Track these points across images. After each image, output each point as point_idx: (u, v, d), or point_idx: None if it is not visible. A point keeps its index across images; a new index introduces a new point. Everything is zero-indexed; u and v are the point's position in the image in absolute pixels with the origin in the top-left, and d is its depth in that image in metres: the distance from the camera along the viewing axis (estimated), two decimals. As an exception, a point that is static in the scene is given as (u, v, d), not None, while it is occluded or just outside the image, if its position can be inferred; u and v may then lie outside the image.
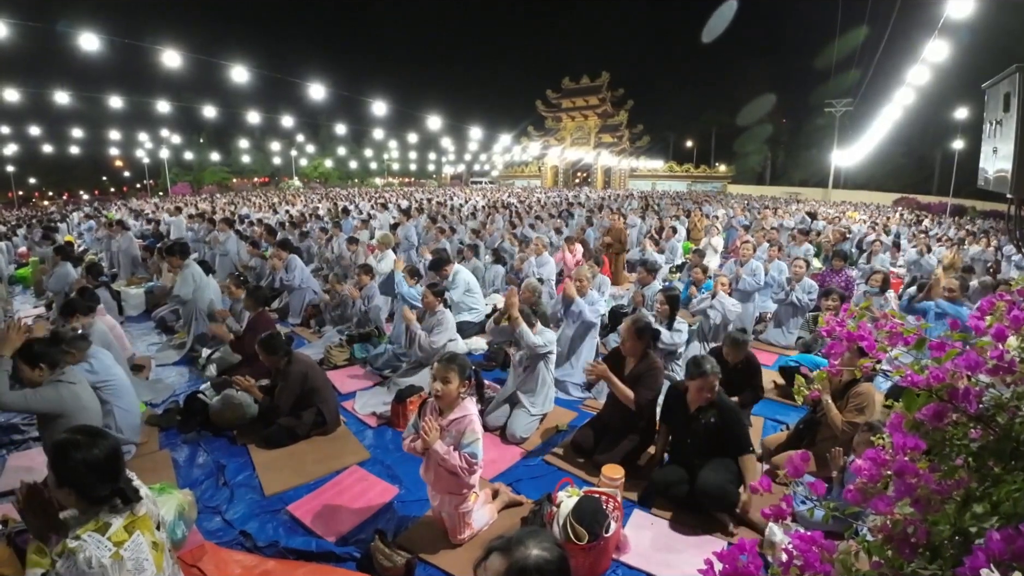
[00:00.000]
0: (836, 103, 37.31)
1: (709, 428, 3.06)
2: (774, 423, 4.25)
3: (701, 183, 47.42)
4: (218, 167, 53.55)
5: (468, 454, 2.64)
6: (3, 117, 22.44)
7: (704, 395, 3.06)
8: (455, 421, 2.72)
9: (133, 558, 1.68)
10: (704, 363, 3.05)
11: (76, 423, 2.73)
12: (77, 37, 8.54)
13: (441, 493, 2.80)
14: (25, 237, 14.07)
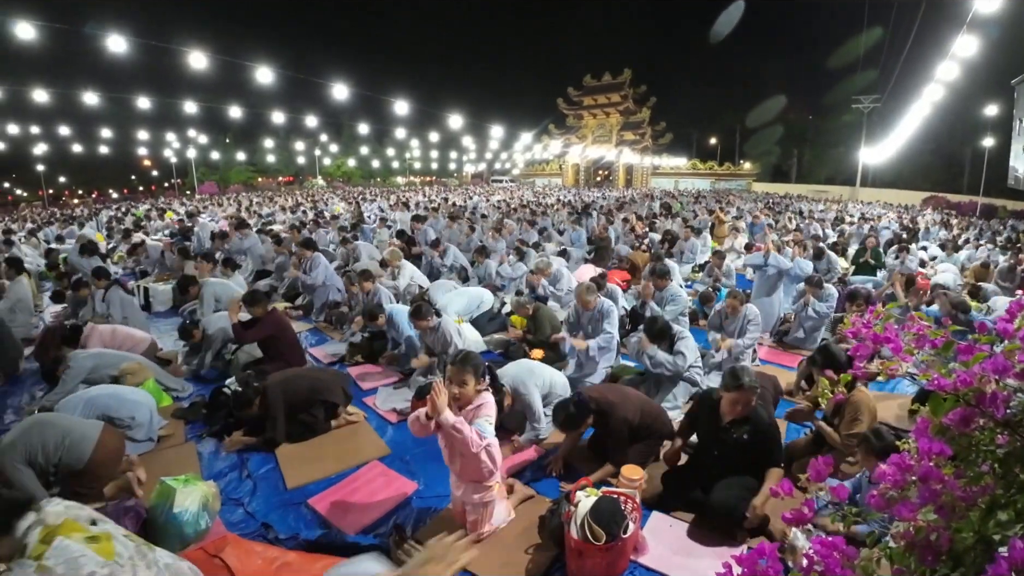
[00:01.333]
0: (863, 99, 36.35)
1: (740, 444, 2.91)
2: (798, 427, 4.17)
3: (725, 181, 46.72)
4: (244, 166, 54.56)
5: (479, 431, 2.61)
6: (34, 117, 23.11)
7: (737, 409, 2.91)
8: (471, 410, 2.72)
9: (61, 562, 1.72)
10: (743, 376, 2.86)
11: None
12: (105, 39, 8.78)
13: (465, 482, 2.81)
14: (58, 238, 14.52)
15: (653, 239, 11.81)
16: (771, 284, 6.30)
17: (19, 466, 2.86)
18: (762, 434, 2.90)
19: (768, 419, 3.00)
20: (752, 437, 2.89)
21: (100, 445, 3.08)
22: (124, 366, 4.43)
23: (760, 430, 2.90)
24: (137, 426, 3.79)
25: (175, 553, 2.68)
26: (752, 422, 2.91)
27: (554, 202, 23.88)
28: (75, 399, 3.72)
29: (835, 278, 7.66)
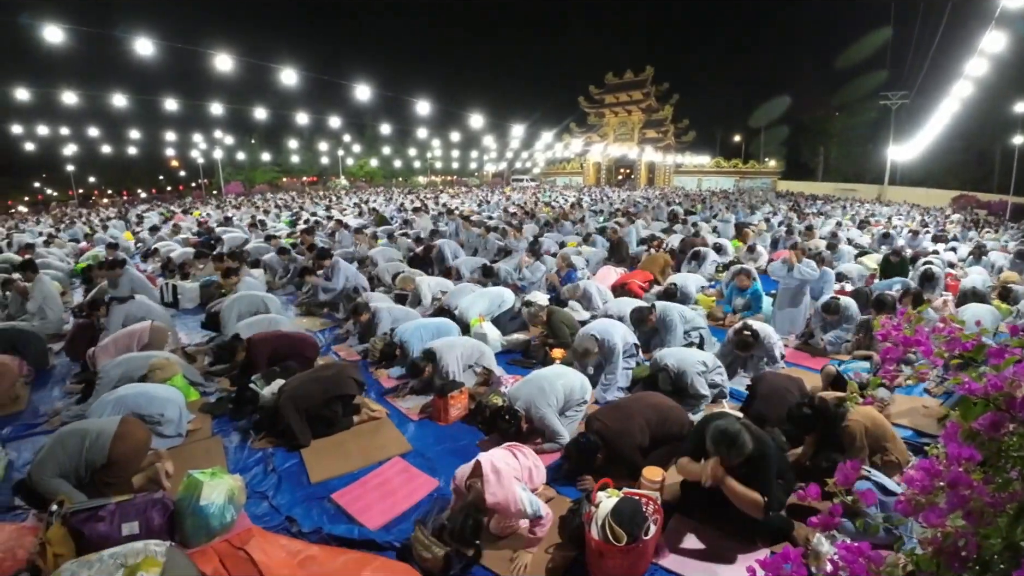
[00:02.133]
0: (891, 95, 35.42)
1: (739, 471, 2.70)
2: None
3: (750, 179, 45.97)
4: (269, 167, 55.44)
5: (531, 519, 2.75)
6: (65, 119, 23.86)
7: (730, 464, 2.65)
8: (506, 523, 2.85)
9: None
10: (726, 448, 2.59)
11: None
12: (134, 42, 9.01)
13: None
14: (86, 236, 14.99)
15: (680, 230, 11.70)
16: (795, 292, 6.20)
17: (52, 480, 3.00)
18: (758, 467, 2.66)
19: (768, 452, 2.70)
20: (750, 471, 2.66)
21: (119, 438, 3.18)
22: (152, 362, 4.53)
23: (757, 462, 2.65)
24: (167, 422, 3.89)
25: (201, 544, 2.76)
26: (751, 459, 2.65)
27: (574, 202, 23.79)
28: (105, 400, 3.84)
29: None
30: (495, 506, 2.67)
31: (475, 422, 4.16)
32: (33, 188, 52.99)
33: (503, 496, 2.66)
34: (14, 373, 4.78)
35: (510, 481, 2.73)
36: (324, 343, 6.13)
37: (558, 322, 5.55)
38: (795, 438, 3.58)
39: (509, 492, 2.68)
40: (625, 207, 20.65)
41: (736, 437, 2.58)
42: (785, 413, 3.48)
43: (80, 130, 25.50)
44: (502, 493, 2.67)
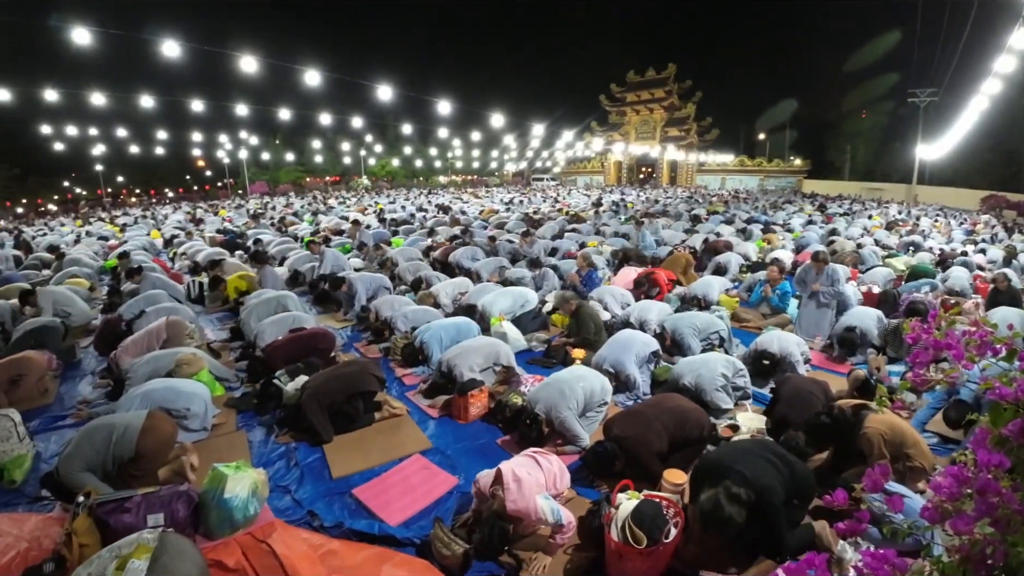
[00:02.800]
0: (919, 93, 34.40)
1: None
2: None
3: (774, 178, 45.18)
4: (293, 167, 56.26)
5: (552, 526, 2.73)
6: (93, 119, 24.49)
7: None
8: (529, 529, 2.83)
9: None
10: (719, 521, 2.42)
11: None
12: (161, 44, 9.22)
13: None
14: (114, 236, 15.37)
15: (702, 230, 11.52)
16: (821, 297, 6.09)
17: (80, 473, 3.08)
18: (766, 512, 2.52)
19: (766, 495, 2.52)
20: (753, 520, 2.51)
21: (146, 432, 3.26)
22: (178, 357, 4.65)
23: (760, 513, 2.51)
24: (193, 416, 3.98)
25: (225, 537, 2.82)
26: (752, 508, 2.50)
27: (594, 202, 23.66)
28: (132, 395, 3.94)
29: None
30: (516, 513, 2.67)
31: (495, 420, 4.18)
32: (63, 187, 54.47)
33: (523, 505, 2.67)
34: (43, 368, 4.94)
35: (531, 490, 2.73)
36: (345, 341, 6.20)
37: (585, 316, 5.53)
38: (818, 442, 3.54)
39: (530, 501, 2.68)
40: (645, 208, 20.49)
41: (724, 521, 2.41)
42: (809, 417, 3.44)
43: (108, 130, 26.08)
44: (523, 502, 2.67)
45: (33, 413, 4.50)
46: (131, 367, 4.60)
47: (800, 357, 4.79)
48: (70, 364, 5.64)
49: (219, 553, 2.71)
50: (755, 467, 2.61)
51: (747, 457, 2.69)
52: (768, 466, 2.65)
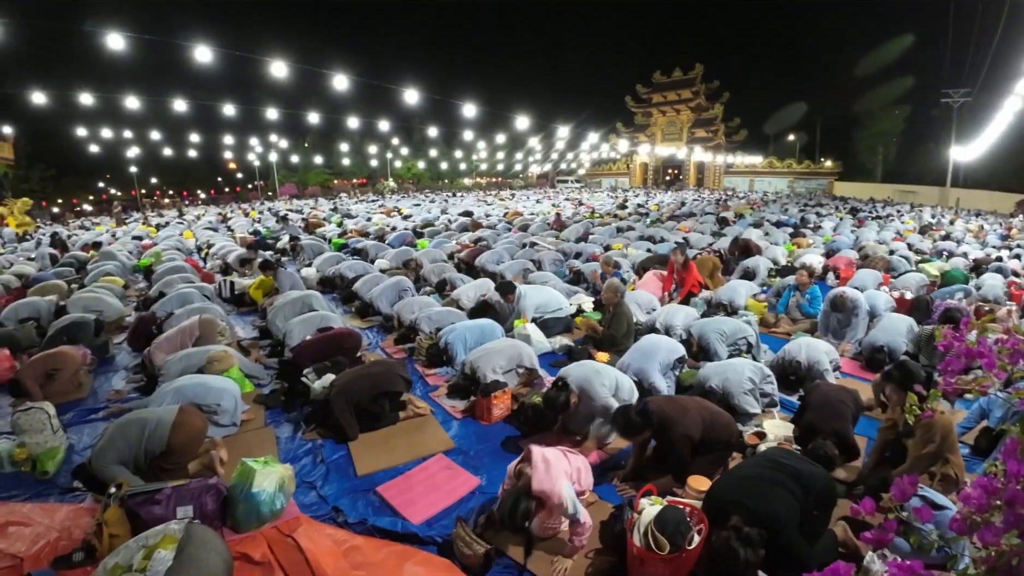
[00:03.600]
0: (952, 93, 33.24)
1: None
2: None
3: (804, 180, 44.24)
4: (321, 169, 57.26)
5: (573, 521, 2.75)
6: (128, 122, 25.28)
7: None
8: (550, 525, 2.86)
9: None
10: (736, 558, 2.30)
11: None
12: (193, 49, 9.49)
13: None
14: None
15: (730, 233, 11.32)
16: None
17: (112, 466, 3.17)
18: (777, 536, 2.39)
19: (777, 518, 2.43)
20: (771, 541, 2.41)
21: (177, 427, 3.34)
22: (210, 354, 4.76)
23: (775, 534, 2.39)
24: (223, 412, 4.08)
25: (251, 530, 2.89)
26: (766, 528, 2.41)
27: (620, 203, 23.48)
28: (164, 390, 4.05)
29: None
30: (540, 494, 2.67)
31: (517, 422, 4.19)
32: (97, 188, 56.28)
33: (549, 486, 2.67)
34: (77, 362, 5.11)
35: (559, 473, 2.73)
36: (371, 341, 6.28)
37: (622, 313, 5.49)
38: (846, 452, 3.46)
39: (556, 484, 2.68)
40: (671, 210, 20.29)
41: (740, 565, 2.29)
42: (838, 426, 3.36)
43: (143, 133, 26.93)
44: (549, 483, 2.68)
45: (67, 406, 4.63)
46: (164, 364, 4.72)
47: (829, 365, 4.67)
48: (104, 359, 5.82)
49: (246, 546, 2.77)
50: (761, 496, 2.49)
51: (753, 485, 2.56)
52: (777, 489, 2.52)
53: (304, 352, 4.98)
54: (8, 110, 27.01)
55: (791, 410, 4.18)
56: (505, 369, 4.62)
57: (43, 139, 40.57)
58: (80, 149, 29.06)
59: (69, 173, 49.24)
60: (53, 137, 35.75)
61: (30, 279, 9.04)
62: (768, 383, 4.29)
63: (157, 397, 4.00)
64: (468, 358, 4.70)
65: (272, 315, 6.24)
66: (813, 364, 4.61)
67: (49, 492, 3.45)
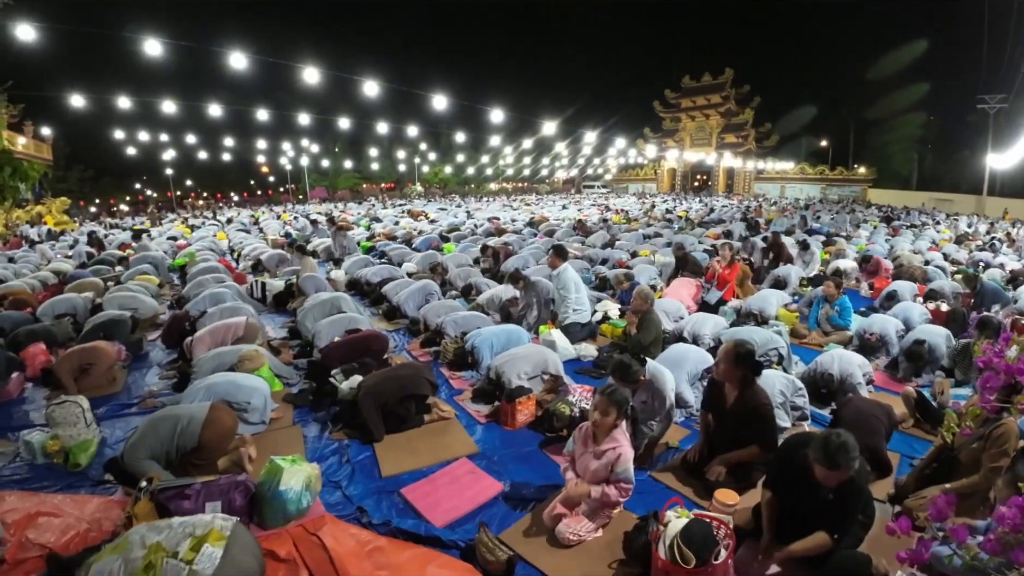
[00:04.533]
0: (989, 99, 32.02)
1: (824, 502, 2.52)
2: (910, 460, 3.76)
3: (837, 187, 43.23)
4: (351, 173, 58.26)
5: (623, 480, 2.90)
6: (165, 126, 26.14)
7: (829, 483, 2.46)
8: (607, 451, 2.93)
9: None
10: (838, 457, 2.33)
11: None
12: (228, 56, 9.76)
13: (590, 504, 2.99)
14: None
15: (755, 244, 11.13)
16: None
17: (144, 460, 3.24)
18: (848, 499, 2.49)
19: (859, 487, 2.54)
20: (838, 500, 2.49)
21: (208, 423, 3.41)
22: (241, 353, 4.87)
23: (848, 495, 2.48)
24: (252, 410, 4.16)
25: (278, 527, 2.93)
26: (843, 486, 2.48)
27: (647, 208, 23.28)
28: (197, 387, 4.15)
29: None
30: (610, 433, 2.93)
31: (541, 428, 4.17)
32: (134, 189, 58.21)
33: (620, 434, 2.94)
34: (112, 358, 5.27)
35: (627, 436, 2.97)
36: (398, 344, 6.35)
37: (651, 320, 5.45)
38: (878, 468, 3.38)
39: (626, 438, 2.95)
40: (700, 217, 20.04)
41: (851, 448, 2.34)
42: (871, 442, 3.27)
43: (179, 136, 27.85)
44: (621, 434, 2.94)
45: (101, 400, 4.75)
46: (197, 362, 4.86)
47: (862, 379, 4.53)
48: (137, 356, 5.99)
49: (271, 543, 2.81)
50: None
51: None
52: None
53: (332, 353, 5.05)
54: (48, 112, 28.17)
55: (822, 424, 4.09)
56: (530, 375, 4.61)
57: (81, 141, 42.29)
58: (117, 151, 30.18)
59: (107, 174, 51.14)
60: (91, 139, 37.31)
61: (67, 276, 9.38)
62: (799, 396, 4.18)
63: (189, 394, 4.11)
64: (494, 363, 4.70)
65: (302, 316, 6.36)
66: (846, 377, 4.49)
67: (80, 484, 3.54)
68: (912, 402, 4.15)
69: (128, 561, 1.99)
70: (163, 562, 1.96)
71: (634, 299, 5.73)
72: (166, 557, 1.98)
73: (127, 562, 1.99)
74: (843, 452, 2.32)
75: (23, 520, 2.98)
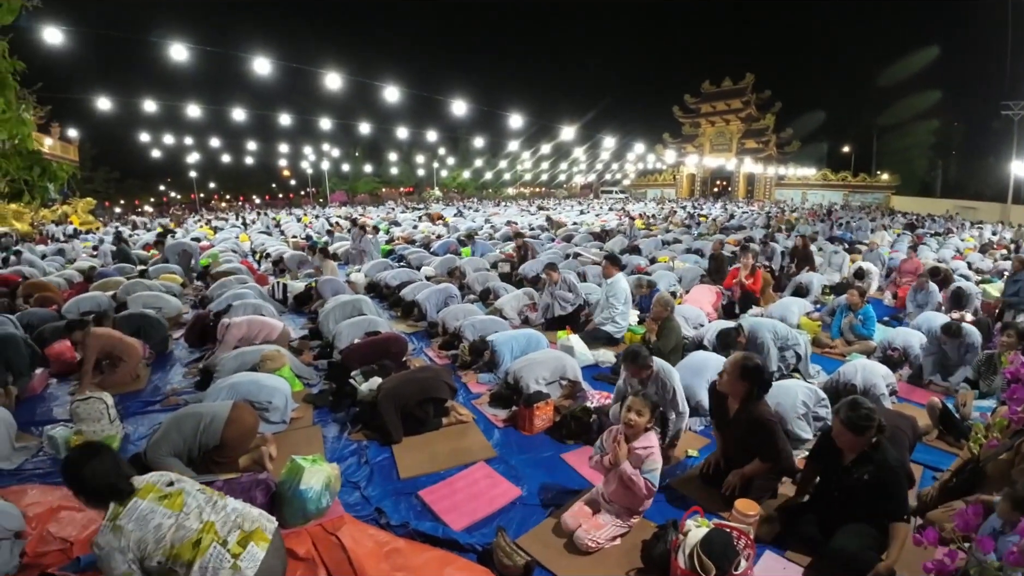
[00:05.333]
0: (1013, 105, 31.20)
1: (861, 485, 2.62)
2: (933, 472, 3.65)
3: (860, 193, 42.53)
4: (370, 178, 58.89)
5: (649, 480, 2.89)
6: (190, 130, 26.72)
7: (854, 446, 2.64)
8: (640, 449, 2.94)
9: (132, 518, 1.94)
10: (860, 421, 2.57)
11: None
12: (251, 62, 9.94)
13: (617, 503, 3.02)
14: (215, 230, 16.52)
15: (775, 249, 11.01)
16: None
17: (166, 458, 3.29)
18: (887, 473, 2.58)
19: (895, 460, 2.66)
20: (874, 478, 2.59)
21: (231, 422, 3.46)
22: (264, 353, 4.95)
23: (884, 469, 2.59)
24: (273, 409, 4.22)
25: (297, 526, 2.95)
26: (875, 462, 2.61)
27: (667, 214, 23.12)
28: (220, 385, 4.22)
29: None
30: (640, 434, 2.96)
31: (559, 434, 4.16)
32: (158, 190, 59.49)
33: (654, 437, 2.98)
34: (139, 355, 5.38)
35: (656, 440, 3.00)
36: (416, 346, 6.38)
37: (671, 329, 5.42)
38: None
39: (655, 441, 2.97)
40: (720, 223, 19.84)
41: (871, 411, 2.60)
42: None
43: (203, 139, 28.49)
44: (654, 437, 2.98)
45: (125, 397, 4.85)
46: (220, 361, 4.95)
47: (885, 389, 4.45)
48: (162, 354, 6.11)
49: (291, 542, 2.83)
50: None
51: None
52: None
53: (352, 354, 5.10)
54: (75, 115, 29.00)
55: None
56: (548, 380, 4.60)
57: (108, 143, 43.42)
58: (143, 153, 30.86)
59: (132, 176, 52.41)
60: (117, 141, 38.19)
61: (94, 274, 9.60)
62: (822, 406, 4.10)
63: (212, 392, 4.18)
64: (512, 367, 4.71)
65: (323, 317, 6.43)
66: (869, 388, 4.39)
67: (103, 480, 3.62)
68: (937, 413, 4.06)
69: (180, 527, 1.99)
70: (212, 546, 1.95)
71: (654, 305, 5.68)
72: (216, 542, 1.97)
73: (179, 527, 1.99)
74: (865, 419, 2.57)
75: (45, 514, 3.04)
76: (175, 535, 1.94)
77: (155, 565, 1.94)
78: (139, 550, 1.92)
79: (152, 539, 1.93)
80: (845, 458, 2.72)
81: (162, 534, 1.95)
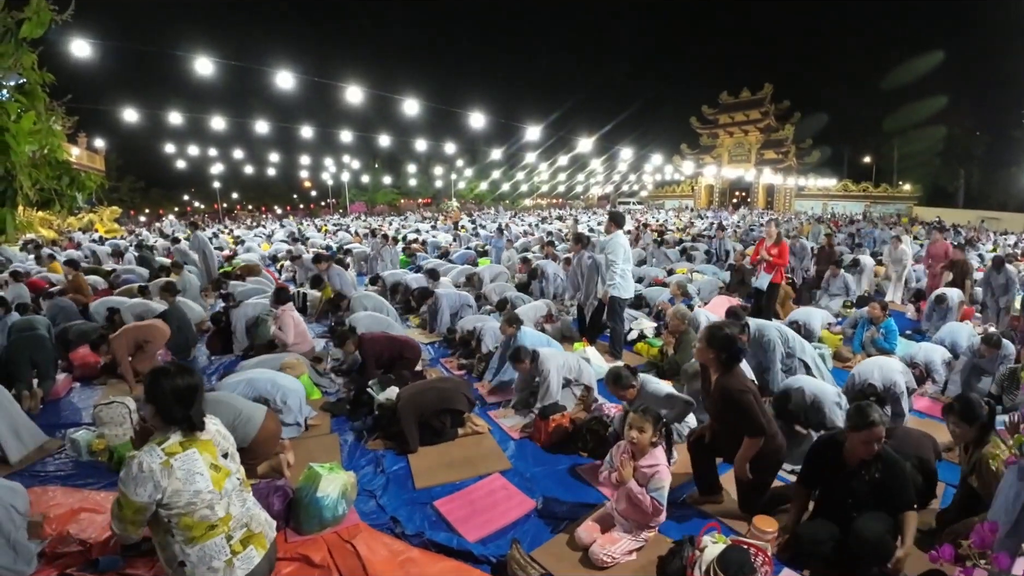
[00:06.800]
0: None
1: (873, 484, 2.63)
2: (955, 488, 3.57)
3: (881, 204, 41.79)
4: (389, 189, 59.56)
5: (656, 499, 2.87)
6: (214, 141, 27.31)
7: (869, 448, 2.61)
8: (646, 467, 2.93)
9: (184, 468, 1.89)
10: (871, 412, 2.59)
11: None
12: (275, 76, 10.15)
13: (628, 518, 2.99)
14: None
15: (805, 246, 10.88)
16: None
17: None
18: (894, 467, 2.66)
19: (895, 451, 2.74)
20: (884, 475, 2.63)
21: (263, 427, 3.52)
22: (284, 361, 5.04)
23: (891, 464, 2.66)
24: (287, 410, 4.27)
25: (313, 533, 2.98)
26: (882, 459, 2.66)
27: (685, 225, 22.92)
28: (237, 379, 4.29)
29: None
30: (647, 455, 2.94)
31: (575, 448, 4.13)
32: (182, 200, 60.72)
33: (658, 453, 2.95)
34: (165, 336, 5.49)
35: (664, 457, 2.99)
36: (432, 356, 6.41)
37: (688, 342, 5.38)
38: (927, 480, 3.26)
39: (662, 457, 2.95)
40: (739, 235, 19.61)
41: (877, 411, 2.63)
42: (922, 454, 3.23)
43: (226, 150, 29.10)
44: (661, 454, 2.95)
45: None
46: (241, 366, 5.05)
47: (905, 387, 4.36)
48: (185, 359, 6.21)
49: (307, 548, 2.86)
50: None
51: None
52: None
53: (371, 344, 5.17)
54: (101, 125, 29.75)
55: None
56: (566, 376, 4.62)
57: (133, 153, 44.42)
58: (167, 163, 31.52)
59: (156, 185, 53.61)
60: (142, 151, 39.06)
61: (118, 279, 9.82)
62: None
63: (228, 384, 4.22)
64: (538, 348, 4.77)
65: (355, 303, 6.98)
66: (889, 386, 4.28)
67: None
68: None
69: (210, 507, 1.96)
70: (220, 536, 1.96)
71: (671, 319, 5.64)
72: (224, 533, 1.97)
73: (209, 507, 1.95)
74: (866, 410, 2.61)
75: (66, 515, 3.11)
76: (202, 511, 1.91)
77: (164, 520, 1.89)
78: (168, 498, 1.86)
79: (185, 500, 1.88)
80: (850, 463, 2.73)
81: (194, 503, 1.90)
